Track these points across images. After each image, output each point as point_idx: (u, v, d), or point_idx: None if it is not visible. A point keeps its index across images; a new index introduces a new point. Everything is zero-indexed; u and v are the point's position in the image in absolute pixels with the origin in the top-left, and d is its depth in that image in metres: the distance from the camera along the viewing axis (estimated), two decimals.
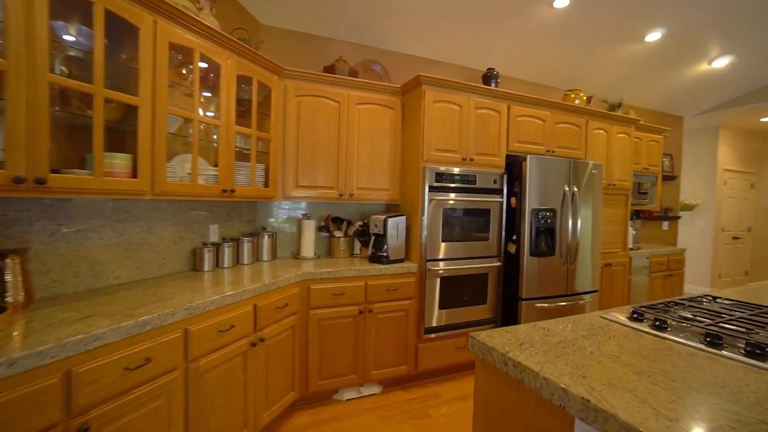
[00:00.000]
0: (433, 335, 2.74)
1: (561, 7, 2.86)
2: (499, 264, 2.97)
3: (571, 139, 3.34)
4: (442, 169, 2.71)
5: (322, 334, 2.38)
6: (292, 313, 2.23)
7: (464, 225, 2.84)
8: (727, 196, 6.09)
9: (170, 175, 1.79)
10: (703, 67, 4.03)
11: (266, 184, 2.48)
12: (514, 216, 3.00)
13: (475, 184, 2.86)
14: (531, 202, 2.90)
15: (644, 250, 4.02)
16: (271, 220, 2.89)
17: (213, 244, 2.33)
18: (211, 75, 2.17)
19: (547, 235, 2.99)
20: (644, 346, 1.15)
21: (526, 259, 2.90)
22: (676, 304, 1.60)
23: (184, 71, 2.02)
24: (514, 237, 2.99)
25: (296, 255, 2.87)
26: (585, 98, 3.49)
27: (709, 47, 3.67)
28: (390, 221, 2.65)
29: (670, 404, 0.79)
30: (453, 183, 2.76)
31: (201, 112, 2.07)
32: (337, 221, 2.97)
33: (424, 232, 2.68)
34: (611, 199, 3.67)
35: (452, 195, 2.76)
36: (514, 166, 2.99)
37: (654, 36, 3.33)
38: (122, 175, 1.55)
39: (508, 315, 3.01)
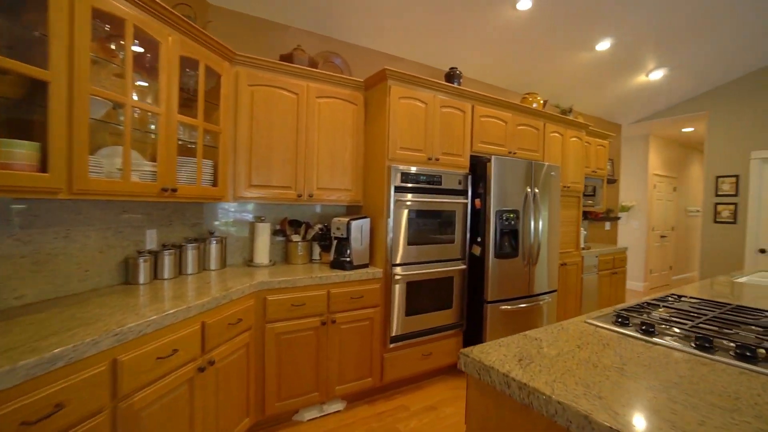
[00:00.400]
0: (399, 344, 2.60)
1: (524, 9, 2.88)
2: (464, 267, 2.91)
3: (531, 142, 3.39)
4: (408, 168, 2.59)
5: (280, 349, 2.14)
6: (246, 329, 1.97)
7: (430, 227, 2.74)
8: (656, 198, 6.65)
9: (95, 171, 1.47)
10: (642, 78, 4.33)
11: (214, 183, 2.19)
12: (478, 217, 2.96)
13: (441, 184, 2.77)
14: (495, 203, 2.87)
15: (594, 249, 4.21)
16: (219, 223, 2.58)
17: (150, 252, 2.00)
18: (149, 55, 1.85)
19: (510, 236, 2.99)
20: (641, 354, 1.09)
21: (491, 261, 2.87)
22: (649, 304, 1.60)
23: (113, 47, 1.70)
24: (479, 239, 2.95)
25: (249, 262, 2.59)
26: (541, 102, 3.57)
27: (647, 60, 3.94)
28: (354, 224, 2.47)
29: (700, 426, 0.71)
30: (419, 183, 2.65)
31: (135, 97, 1.75)
32: (295, 224, 2.73)
33: (390, 235, 2.53)
34: (565, 201, 3.79)
35: (418, 196, 2.65)
36: (478, 167, 2.95)
37: (604, 45, 3.48)
38: (26, 168, 1.22)
39: (473, 319, 2.96)
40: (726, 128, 4.76)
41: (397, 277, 2.56)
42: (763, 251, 4.55)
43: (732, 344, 1.13)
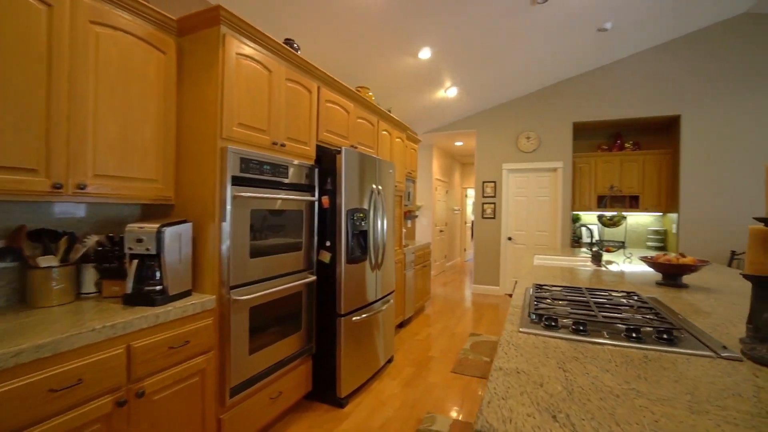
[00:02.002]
0: (241, 394, 1.88)
1: None
2: (313, 278, 2.44)
3: (367, 137, 3.23)
4: (250, 153, 1.91)
5: None
6: None
7: (275, 232, 2.13)
8: (437, 199, 7.94)
9: None
10: (441, 93, 4.94)
11: None
12: (326, 218, 2.54)
13: (287, 177, 2.21)
14: (347, 201, 2.53)
15: (411, 246, 4.49)
16: None
17: None
18: None
19: (360, 238, 2.71)
20: (610, 360, 0.97)
21: (343, 268, 2.51)
22: (537, 299, 1.62)
23: None
24: (328, 243, 2.53)
25: None
26: (372, 98, 3.48)
27: (446, 76, 4.49)
28: (169, 232, 1.61)
29: None
30: (263, 174, 2.01)
31: None
32: (44, 237, 1.57)
33: (225, 245, 1.79)
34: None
35: (262, 191, 2.00)
36: (325, 159, 2.53)
37: (425, 54, 3.70)
38: None
39: (324, 337, 2.52)
40: (488, 144, 6.07)
41: (238, 304, 1.85)
42: (510, 239, 6.03)
43: (650, 329, 1.19)
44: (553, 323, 1.26)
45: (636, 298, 1.62)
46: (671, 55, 4.91)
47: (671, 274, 2.04)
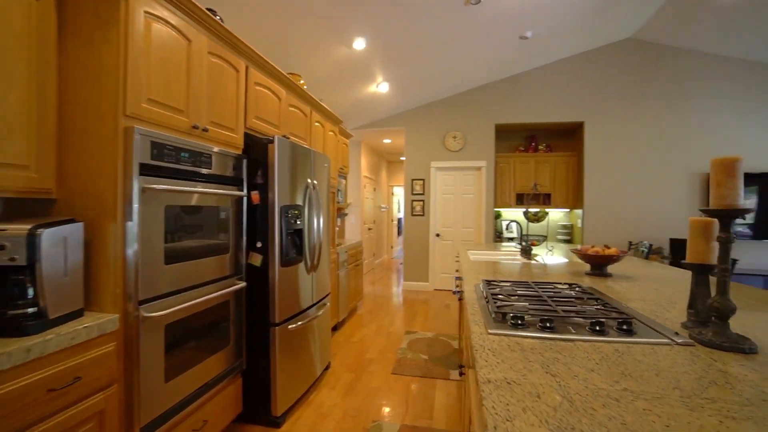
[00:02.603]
0: None
1: None
2: (242, 284, 2.13)
3: (300, 127, 2.97)
4: (164, 136, 1.56)
5: None
6: None
7: (196, 232, 1.80)
8: (365, 197, 7.86)
9: None
10: (372, 88, 4.83)
11: None
12: (256, 216, 2.25)
13: (211, 168, 1.88)
14: (280, 197, 2.27)
15: (343, 245, 4.31)
16: None
17: None
18: None
19: (295, 237, 2.46)
20: (588, 357, 0.93)
21: (277, 272, 2.24)
22: (493, 296, 1.57)
23: None
24: (259, 244, 2.25)
25: None
26: (304, 87, 3.23)
27: (378, 71, 4.40)
28: (48, 235, 1.21)
29: None
30: (180, 163, 1.67)
31: None
32: None
33: (132, 250, 1.43)
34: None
35: (180, 183, 1.66)
36: (254, 149, 2.24)
37: (360, 44, 3.55)
38: None
39: (256, 351, 2.23)
40: (417, 142, 6.14)
41: (150, 322, 1.50)
42: (438, 235, 6.19)
43: (609, 321, 1.20)
44: (520, 321, 1.21)
45: (578, 288, 1.67)
46: (576, 67, 5.47)
47: (599, 264, 2.18)
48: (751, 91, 5.03)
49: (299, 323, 2.43)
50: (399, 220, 12.16)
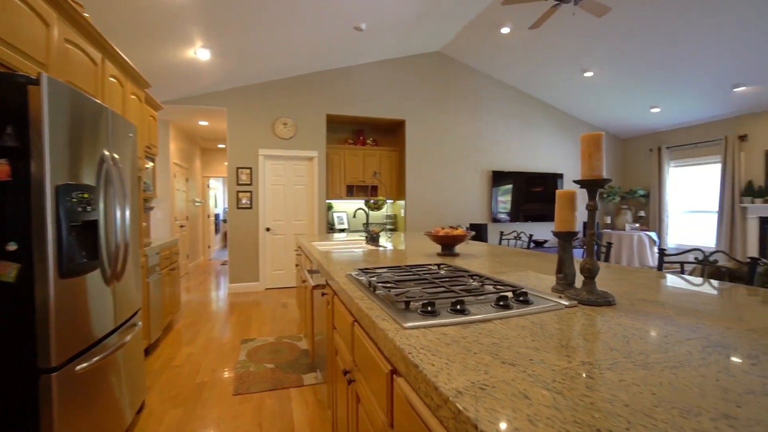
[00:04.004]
0: None
1: None
2: None
3: (85, 77, 2.07)
4: None
5: None
6: None
7: None
8: (176, 188, 6.52)
9: None
10: (190, 53, 3.94)
11: None
12: (5, 200, 1.40)
13: None
14: (55, 171, 1.47)
15: (155, 245, 3.36)
16: None
17: None
18: None
19: (85, 233, 1.67)
20: (519, 336, 0.88)
21: (52, 288, 1.46)
22: (380, 283, 1.39)
23: None
24: (11, 246, 1.40)
25: None
26: (92, 24, 2.27)
27: (197, 34, 3.62)
28: None
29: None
30: None
31: None
32: None
33: None
34: None
35: None
36: (0, 90, 1.37)
37: None
38: None
39: (13, 417, 1.38)
40: (242, 126, 5.44)
41: None
42: (268, 229, 5.69)
43: (510, 294, 1.20)
44: (430, 308, 1.07)
45: (448, 268, 1.69)
46: (400, 69, 5.95)
47: (449, 245, 2.32)
48: (513, 109, 6.65)
49: (94, 359, 1.66)
50: (217, 216, 10.72)
